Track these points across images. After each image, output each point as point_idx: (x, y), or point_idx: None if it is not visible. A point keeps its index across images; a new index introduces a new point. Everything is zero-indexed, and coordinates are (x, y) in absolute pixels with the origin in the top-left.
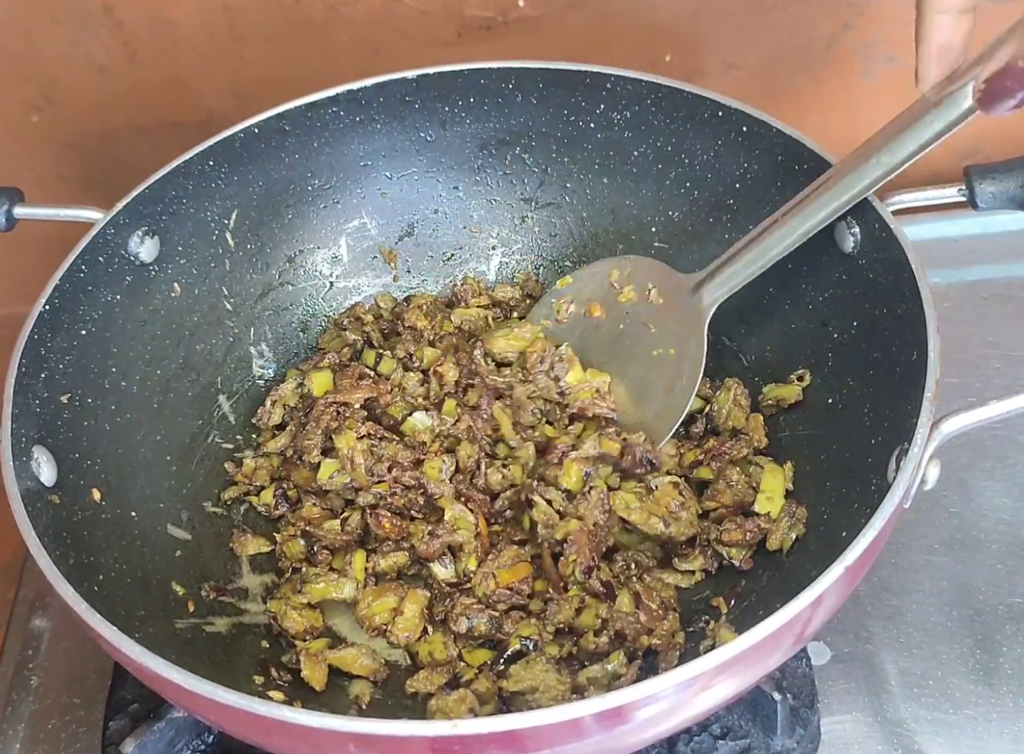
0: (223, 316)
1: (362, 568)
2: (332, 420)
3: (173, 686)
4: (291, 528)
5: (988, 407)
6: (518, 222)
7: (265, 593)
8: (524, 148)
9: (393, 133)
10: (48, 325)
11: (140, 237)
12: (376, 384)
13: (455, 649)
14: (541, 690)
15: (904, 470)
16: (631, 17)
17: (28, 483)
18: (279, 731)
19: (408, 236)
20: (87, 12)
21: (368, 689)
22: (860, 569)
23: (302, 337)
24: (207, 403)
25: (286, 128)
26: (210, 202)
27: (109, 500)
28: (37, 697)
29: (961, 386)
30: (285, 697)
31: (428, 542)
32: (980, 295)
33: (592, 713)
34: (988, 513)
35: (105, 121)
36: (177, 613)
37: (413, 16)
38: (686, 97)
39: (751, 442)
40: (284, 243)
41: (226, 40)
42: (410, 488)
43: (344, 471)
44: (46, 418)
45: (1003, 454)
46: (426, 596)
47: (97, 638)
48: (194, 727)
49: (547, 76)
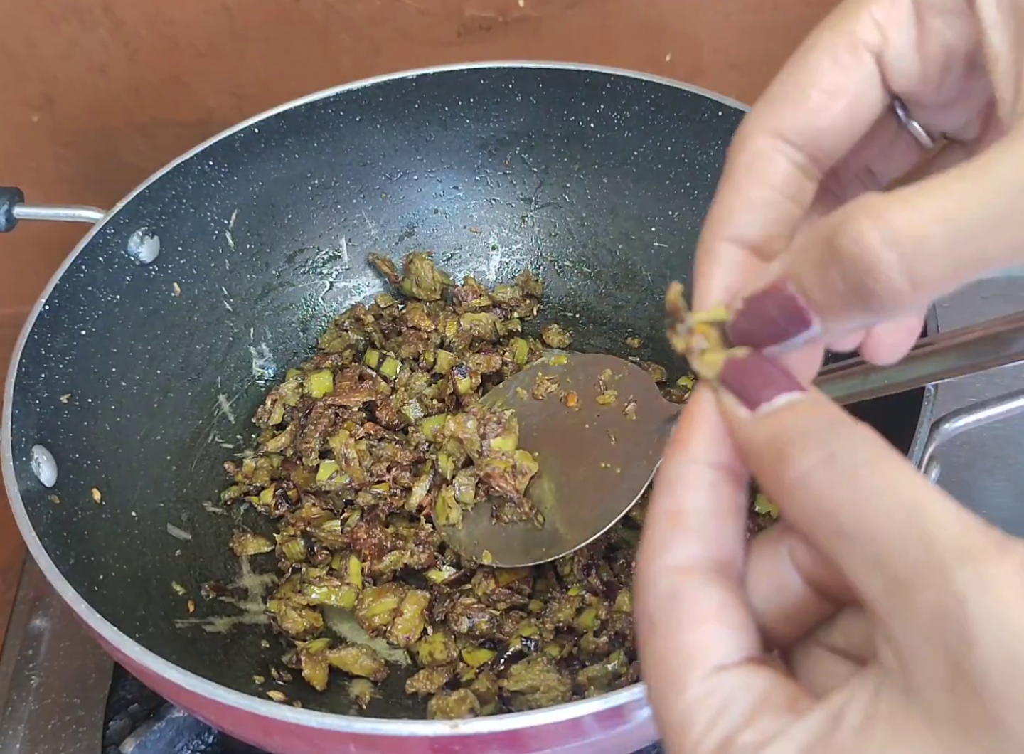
0: (223, 316)
1: (358, 573)
2: (330, 424)
3: (173, 686)
4: (291, 528)
5: (988, 407)
6: (518, 222)
7: (265, 593)
8: (524, 148)
9: (393, 133)
10: (48, 325)
11: (140, 237)
12: (376, 387)
13: (455, 649)
14: (541, 690)
15: None
16: (631, 17)
17: (28, 483)
18: (279, 731)
19: (408, 236)
20: (87, 12)
21: (368, 689)
22: None
23: (302, 337)
24: (207, 403)
25: (286, 128)
26: (210, 202)
27: (109, 500)
28: (37, 697)
29: (961, 386)
30: (285, 697)
31: (417, 554)
32: (980, 295)
33: (592, 713)
34: (988, 513)
35: (105, 121)
36: (177, 613)
37: (413, 16)
38: (686, 97)
39: None
40: (284, 243)
41: (226, 40)
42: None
43: (342, 471)
44: (46, 418)
45: (1003, 454)
46: (426, 597)
47: (97, 638)
48: (194, 727)
49: (547, 76)
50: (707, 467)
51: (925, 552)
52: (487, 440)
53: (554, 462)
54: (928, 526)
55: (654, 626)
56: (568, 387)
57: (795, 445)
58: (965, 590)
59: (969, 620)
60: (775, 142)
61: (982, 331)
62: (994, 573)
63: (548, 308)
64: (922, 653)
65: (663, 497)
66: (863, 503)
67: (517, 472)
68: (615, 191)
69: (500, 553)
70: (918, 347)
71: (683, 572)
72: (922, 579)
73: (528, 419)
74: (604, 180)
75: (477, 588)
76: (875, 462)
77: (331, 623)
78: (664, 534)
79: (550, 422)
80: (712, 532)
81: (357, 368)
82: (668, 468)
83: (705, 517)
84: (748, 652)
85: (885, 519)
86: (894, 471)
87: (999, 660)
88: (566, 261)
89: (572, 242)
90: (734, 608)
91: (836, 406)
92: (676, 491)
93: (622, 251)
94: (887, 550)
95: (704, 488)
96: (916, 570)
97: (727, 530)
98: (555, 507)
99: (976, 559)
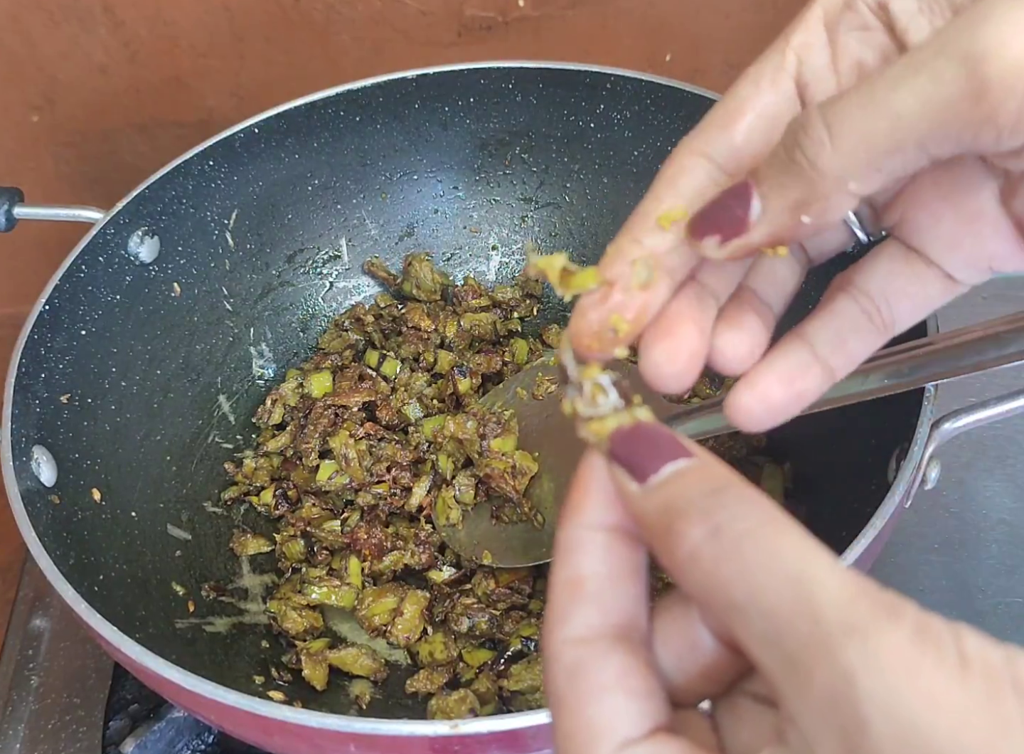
0: (223, 316)
1: (358, 573)
2: (330, 424)
3: (173, 686)
4: (291, 528)
5: (988, 407)
6: (518, 222)
7: (265, 593)
8: (524, 148)
9: (393, 133)
10: (48, 325)
11: (140, 237)
12: (376, 387)
13: (455, 649)
14: (542, 690)
15: (904, 470)
16: (631, 17)
17: (28, 483)
18: (279, 731)
19: (408, 236)
20: (87, 12)
21: (368, 689)
22: (860, 569)
23: (302, 337)
24: (207, 403)
25: (286, 128)
26: (210, 202)
27: (109, 500)
28: (37, 697)
29: (961, 386)
30: (285, 697)
31: (417, 554)
32: (980, 295)
33: None
34: (988, 513)
35: (105, 121)
36: (177, 613)
37: (413, 16)
38: (686, 97)
39: (750, 442)
40: (284, 243)
41: (226, 40)
42: (409, 489)
43: (342, 471)
44: (46, 418)
45: (1003, 454)
46: (426, 597)
47: (97, 638)
48: (194, 727)
49: (547, 76)
50: (601, 530)
51: (813, 628)
52: (487, 440)
53: (554, 462)
54: (814, 599)
55: (560, 703)
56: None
57: (682, 519)
58: (853, 667)
59: (860, 700)
60: (698, 159)
61: (982, 331)
62: (882, 645)
63: (548, 308)
64: (821, 737)
65: (560, 566)
66: (750, 577)
67: (517, 472)
68: (615, 191)
69: (500, 553)
70: (918, 347)
71: (583, 643)
72: (812, 658)
73: (528, 419)
74: (604, 180)
75: (477, 588)
76: (759, 530)
77: (331, 623)
78: (563, 604)
79: (550, 422)
80: (610, 597)
81: (357, 368)
82: (562, 534)
83: (602, 582)
84: (655, 721)
85: (773, 594)
86: (779, 538)
87: (892, 742)
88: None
89: (572, 242)
90: (637, 675)
91: (725, 468)
92: (571, 558)
93: None
94: (778, 626)
95: (599, 553)
96: (807, 648)
97: (626, 593)
98: (555, 507)
99: (863, 631)
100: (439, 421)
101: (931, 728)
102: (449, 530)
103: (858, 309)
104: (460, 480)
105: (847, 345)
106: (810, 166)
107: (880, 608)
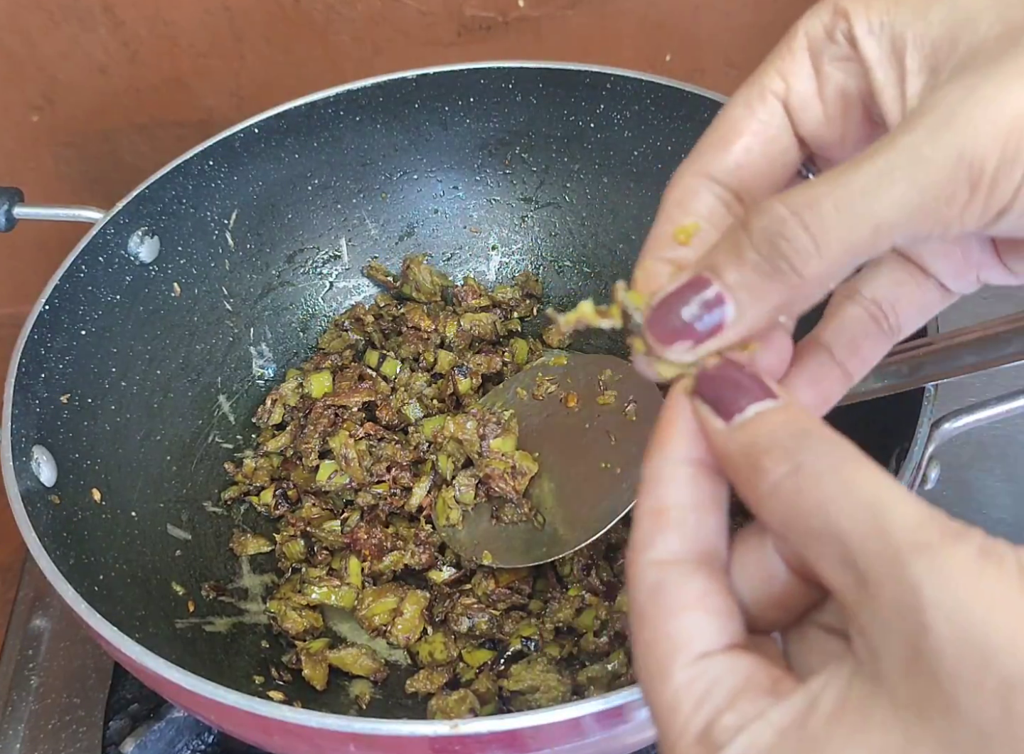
0: (223, 316)
1: (358, 573)
2: (330, 424)
3: (173, 686)
4: (291, 528)
5: (988, 407)
6: (518, 222)
7: (265, 593)
8: (524, 148)
9: (393, 133)
10: (48, 325)
11: (140, 237)
12: (376, 387)
13: (455, 649)
14: (542, 690)
15: (904, 470)
16: (631, 17)
17: (28, 483)
18: (279, 731)
19: (408, 236)
20: (87, 12)
21: (368, 689)
22: None
23: (302, 337)
24: (207, 403)
25: (286, 128)
26: (210, 202)
27: (109, 500)
28: (37, 697)
29: (961, 386)
30: (285, 697)
31: (417, 555)
32: (980, 295)
33: (592, 713)
34: (988, 513)
35: (105, 121)
36: (177, 613)
37: (413, 16)
38: (686, 97)
39: None
40: (284, 243)
41: (226, 40)
42: (409, 490)
43: (342, 471)
44: (46, 418)
45: (1003, 454)
46: (426, 597)
47: (97, 638)
48: (194, 727)
49: (547, 76)
50: (685, 464)
51: (884, 547)
52: (487, 441)
53: (554, 462)
54: (887, 522)
55: (642, 618)
56: (568, 387)
57: (767, 456)
58: (920, 579)
59: (924, 607)
60: (703, 180)
61: (982, 331)
62: (947, 560)
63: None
64: (886, 643)
65: (645, 496)
66: (828, 505)
67: (517, 473)
68: (615, 191)
69: (500, 553)
70: (918, 347)
71: (666, 565)
72: (883, 573)
73: (528, 419)
74: (604, 180)
75: (477, 588)
76: (839, 466)
77: (331, 623)
78: (648, 531)
79: (550, 422)
80: (692, 525)
81: (357, 368)
82: (649, 467)
83: (685, 512)
84: (732, 638)
85: (848, 519)
86: (857, 472)
87: (952, 642)
88: (566, 261)
89: (572, 242)
90: (717, 595)
91: (806, 412)
92: (657, 489)
93: (622, 251)
94: (852, 548)
95: (683, 484)
96: (877, 565)
97: (708, 522)
98: (555, 507)
99: (931, 548)
100: (439, 421)
101: (990, 628)
102: (449, 530)
103: (868, 316)
104: (460, 480)
105: (861, 349)
106: (796, 275)
107: (948, 531)
